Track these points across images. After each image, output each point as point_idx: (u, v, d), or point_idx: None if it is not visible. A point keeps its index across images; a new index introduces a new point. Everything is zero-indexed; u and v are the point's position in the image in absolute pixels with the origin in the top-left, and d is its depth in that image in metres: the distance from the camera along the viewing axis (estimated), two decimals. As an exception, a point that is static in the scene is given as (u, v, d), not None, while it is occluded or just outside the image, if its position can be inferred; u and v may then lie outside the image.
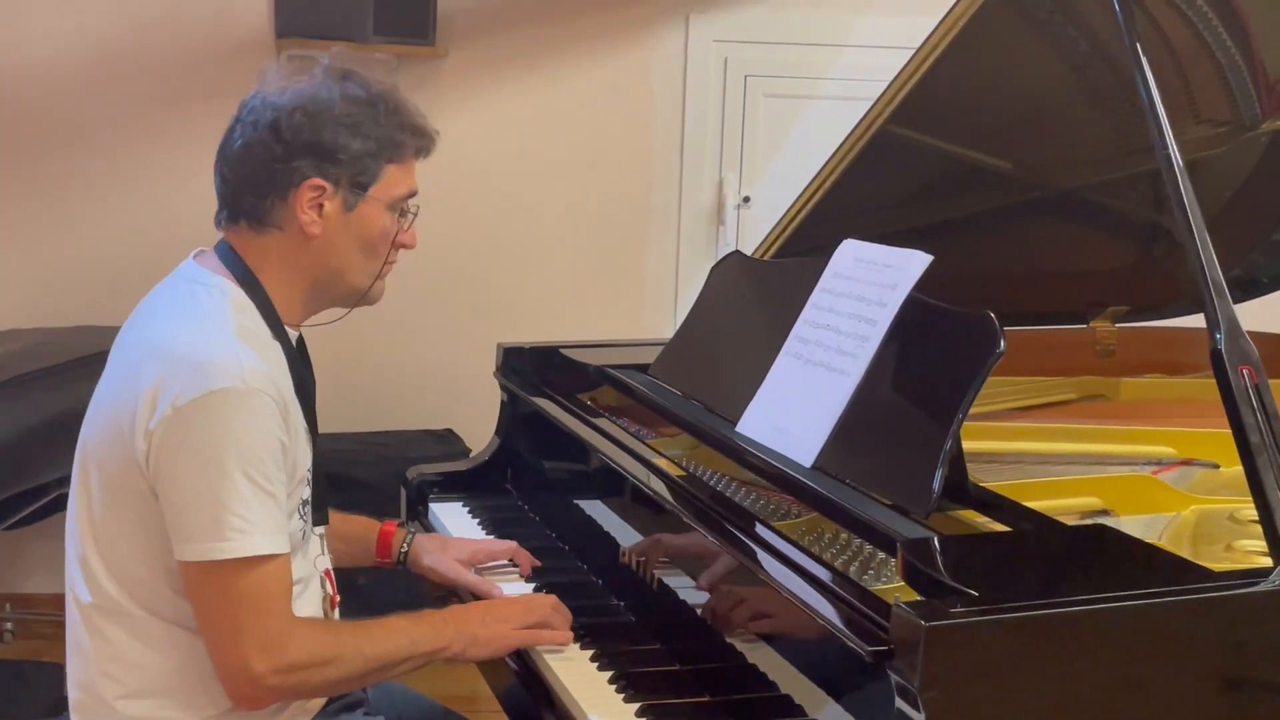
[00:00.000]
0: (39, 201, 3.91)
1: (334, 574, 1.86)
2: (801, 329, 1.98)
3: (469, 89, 3.99)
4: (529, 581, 2.12)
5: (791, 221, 2.55)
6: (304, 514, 1.75)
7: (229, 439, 1.60)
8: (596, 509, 2.21)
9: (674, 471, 1.96)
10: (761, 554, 1.64)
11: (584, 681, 1.77)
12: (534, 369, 2.59)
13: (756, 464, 1.89)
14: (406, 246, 1.84)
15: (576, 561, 2.23)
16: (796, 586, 1.54)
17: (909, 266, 1.84)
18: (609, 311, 4.12)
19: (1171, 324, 2.86)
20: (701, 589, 1.81)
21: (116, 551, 1.69)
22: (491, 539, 2.26)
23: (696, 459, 2.03)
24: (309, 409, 1.77)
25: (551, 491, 2.46)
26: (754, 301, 2.22)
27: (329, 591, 1.83)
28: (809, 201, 2.53)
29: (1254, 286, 2.83)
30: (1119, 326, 2.81)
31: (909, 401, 1.76)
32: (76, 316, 3.82)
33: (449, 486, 2.57)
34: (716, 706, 1.70)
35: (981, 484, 1.76)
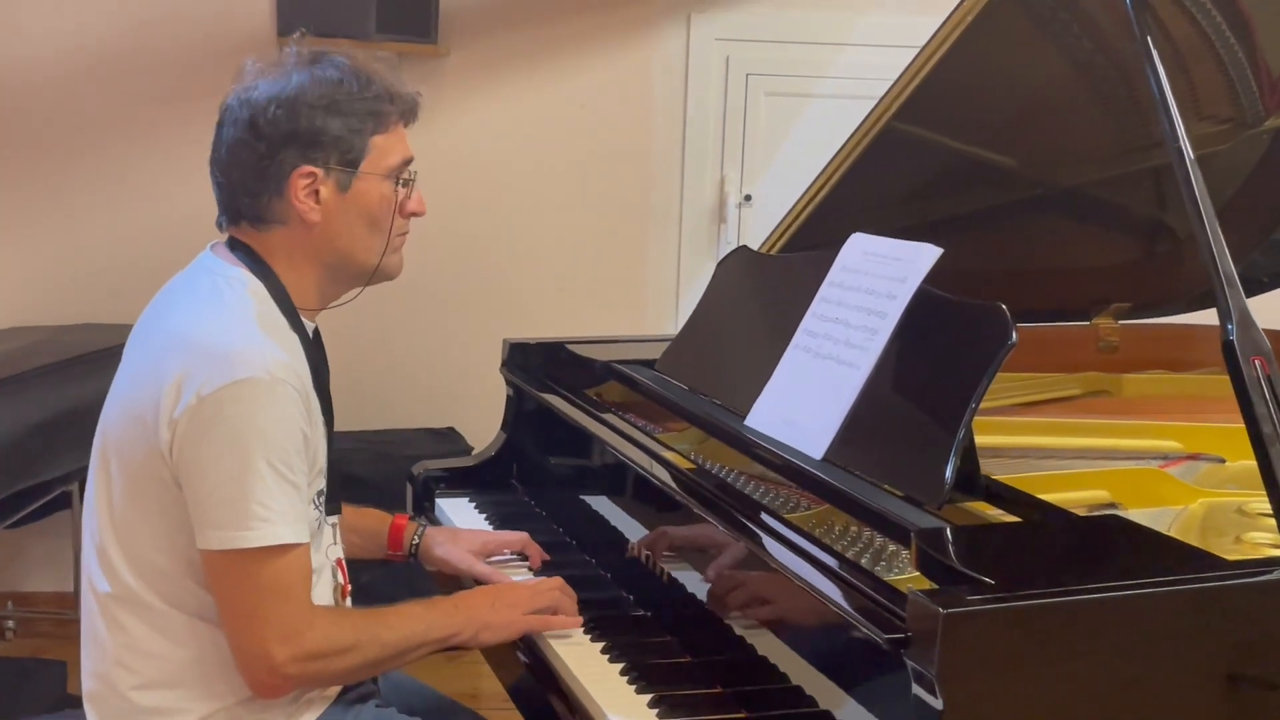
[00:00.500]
0: (41, 200, 3.91)
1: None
2: (810, 322, 1.98)
3: (471, 87, 4.00)
4: (538, 575, 2.13)
5: (797, 218, 2.56)
6: (319, 504, 1.75)
7: (253, 429, 1.60)
8: (603, 504, 2.21)
9: (684, 465, 1.97)
10: (775, 544, 1.64)
11: (596, 673, 1.77)
12: (540, 364, 2.59)
13: (766, 456, 1.89)
14: (415, 214, 1.83)
15: (584, 555, 2.23)
16: (811, 575, 1.54)
17: (918, 259, 1.85)
18: (610, 310, 4.12)
19: (1173, 321, 2.87)
20: (711, 581, 1.81)
21: (137, 542, 1.69)
22: (502, 531, 2.26)
23: (704, 453, 2.03)
24: (326, 400, 1.77)
25: (558, 487, 2.46)
26: (761, 296, 2.22)
27: (340, 581, 1.83)
28: (814, 198, 2.54)
29: (1254, 285, 2.83)
30: (1121, 323, 2.81)
31: (919, 393, 1.76)
32: (79, 315, 3.82)
33: (455, 482, 2.58)
34: (728, 697, 1.70)
35: (992, 476, 1.76)
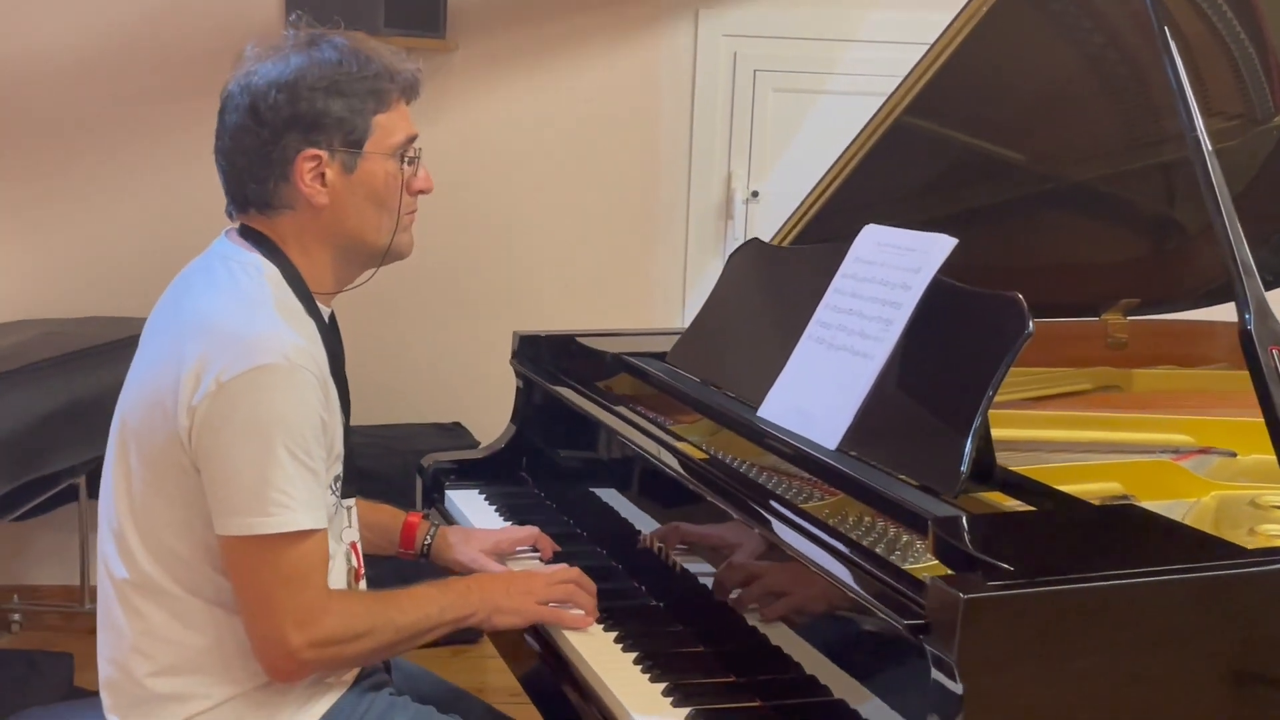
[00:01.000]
0: (49, 193, 3.92)
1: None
2: (824, 313, 1.98)
3: (479, 82, 4.00)
4: (552, 565, 2.13)
5: (807, 212, 2.56)
6: (335, 489, 1.75)
7: (273, 415, 1.60)
8: (614, 494, 2.21)
9: (697, 455, 1.97)
10: (791, 532, 1.64)
11: (610, 662, 1.77)
12: (550, 356, 2.59)
13: (779, 447, 1.89)
14: (422, 191, 1.83)
15: (595, 547, 2.23)
16: (828, 562, 1.54)
17: (933, 249, 1.85)
18: (617, 306, 4.12)
19: (1183, 317, 2.87)
20: (724, 571, 1.81)
21: (155, 528, 1.69)
22: (512, 527, 2.26)
23: (716, 444, 2.03)
24: (343, 385, 1.77)
25: (567, 478, 2.46)
26: (774, 287, 2.22)
27: (354, 564, 1.83)
28: (824, 192, 2.54)
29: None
30: (1130, 319, 2.81)
31: (935, 383, 1.76)
32: (86, 308, 3.83)
33: (464, 474, 2.58)
34: (742, 686, 1.71)
35: (1007, 467, 1.76)
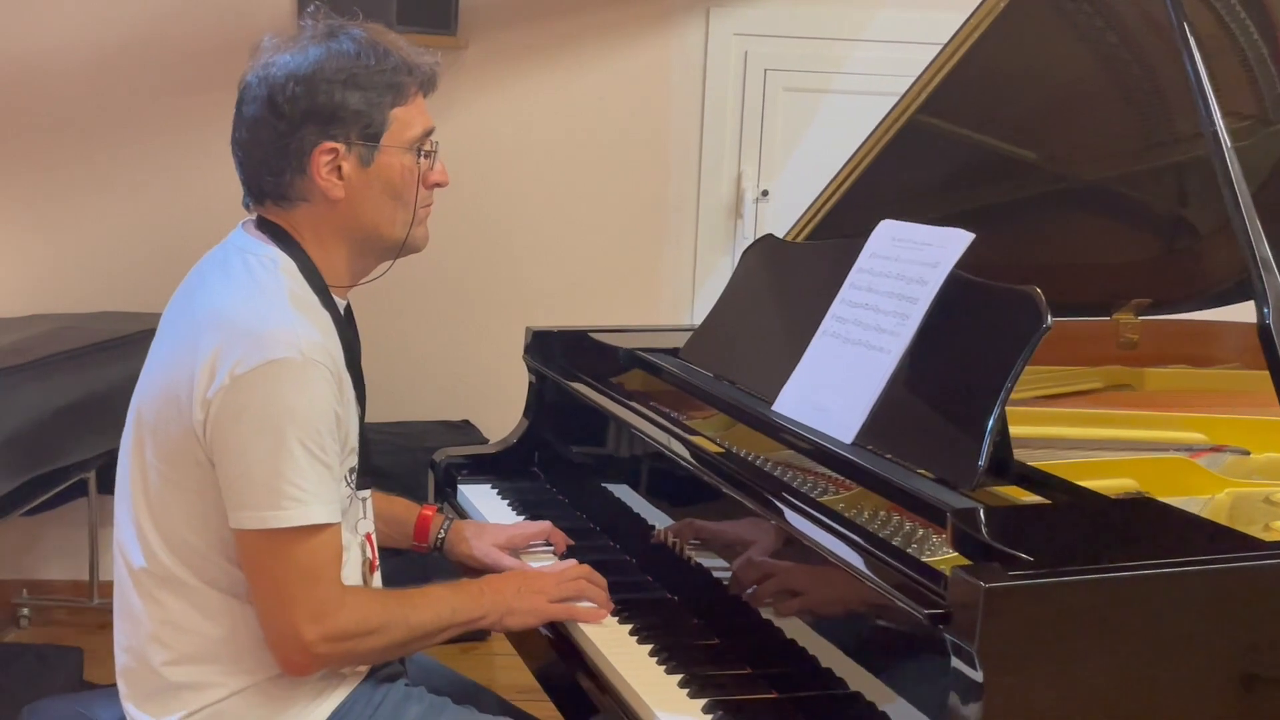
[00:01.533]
0: (62, 189, 3.93)
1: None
2: (839, 308, 1.98)
3: (489, 80, 4.01)
4: (564, 560, 2.13)
5: (820, 209, 2.56)
6: (350, 481, 1.76)
7: (286, 409, 1.60)
8: (627, 489, 2.21)
9: (713, 449, 1.97)
10: (808, 523, 1.64)
11: (626, 655, 1.78)
12: (562, 352, 2.59)
13: (796, 441, 1.89)
14: (438, 185, 1.83)
15: (608, 541, 2.24)
16: (846, 554, 1.55)
17: (950, 244, 1.85)
18: (626, 305, 4.12)
19: (1194, 317, 2.87)
20: (740, 565, 1.81)
21: (170, 520, 1.69)
22: (525, 521, 2.27)
23: (731, 439, 2.03)
24: (358, 377, 1.77)
25: (580, 473, 2.47)
26: (788, 283, 2.22)
27: (369, 555, 1.84)
28: (837, 190, 2.55)
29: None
30: (1141, 319, 2.82)
31: (951, 376, 1.75)
32: (99, 303, 3.84)
33: (476, 469, 2.58)
34: (758, 678, 1.71)
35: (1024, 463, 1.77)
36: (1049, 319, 1.65)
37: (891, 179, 2.54)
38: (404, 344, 4.07)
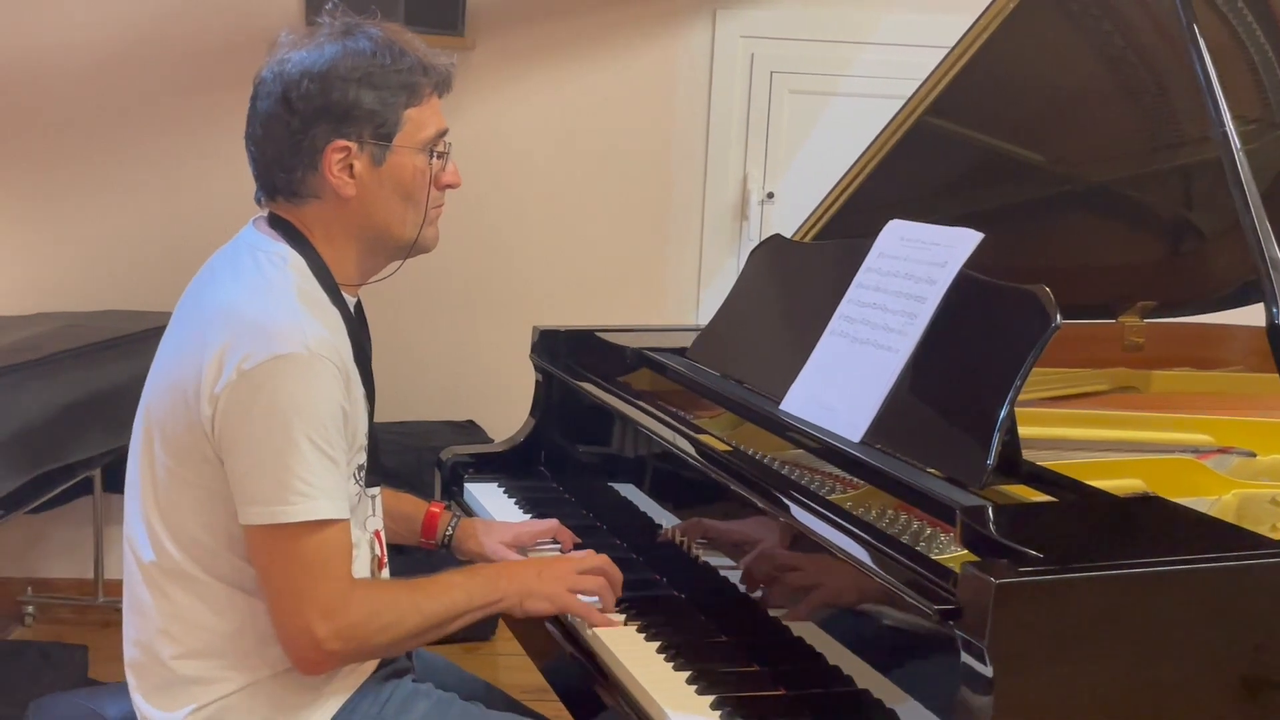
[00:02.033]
0: (69, 188, 3.93)
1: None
2: (847, 308, 1.98)
3: (496, 81, 4.01)
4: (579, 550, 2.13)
5: (827, 211, 2.57)
6: (359, 478, 1.75)
7: (293, 404, 1.60)
8: (634, 487, 2.22)
9: (721, 448, 1.97)
10: (816, 520, 1.65)
11: (634, 651, 1.77)
12: (569, 351, 2.59)
13: (803, 439, 1.90)
14: (450, 186, 1.83)
15: (615, 539, 2.24)
16: (855, 550, 1.55)
17: (959, 244, 1.85)
18: (630, 307, 4.13)
19: (1199, 320, 2.88)
20: (748, 564, 1.81)
21: (179, 516, 1.69)
22: (532, 520, 2.27)
23: (738, 438, 2.03)
24: (367, 375, 1.78)
25: (586, 472, 2.47)
26: (795, 283, 2.23)
27: (378, 552, 1.83)
28: (844, 191, 2.55)
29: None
30: (1146, 322, 2.82)
31: (960, 375, 1.76)
32: (105, 302, 3.84)
33: (483, 468, 2.58)
34: (766, 675, 1.71)
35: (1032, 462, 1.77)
36: (1058, 318, 1.65)
37: (898, 181, 2.54)
38: (408, 344, 4.07)
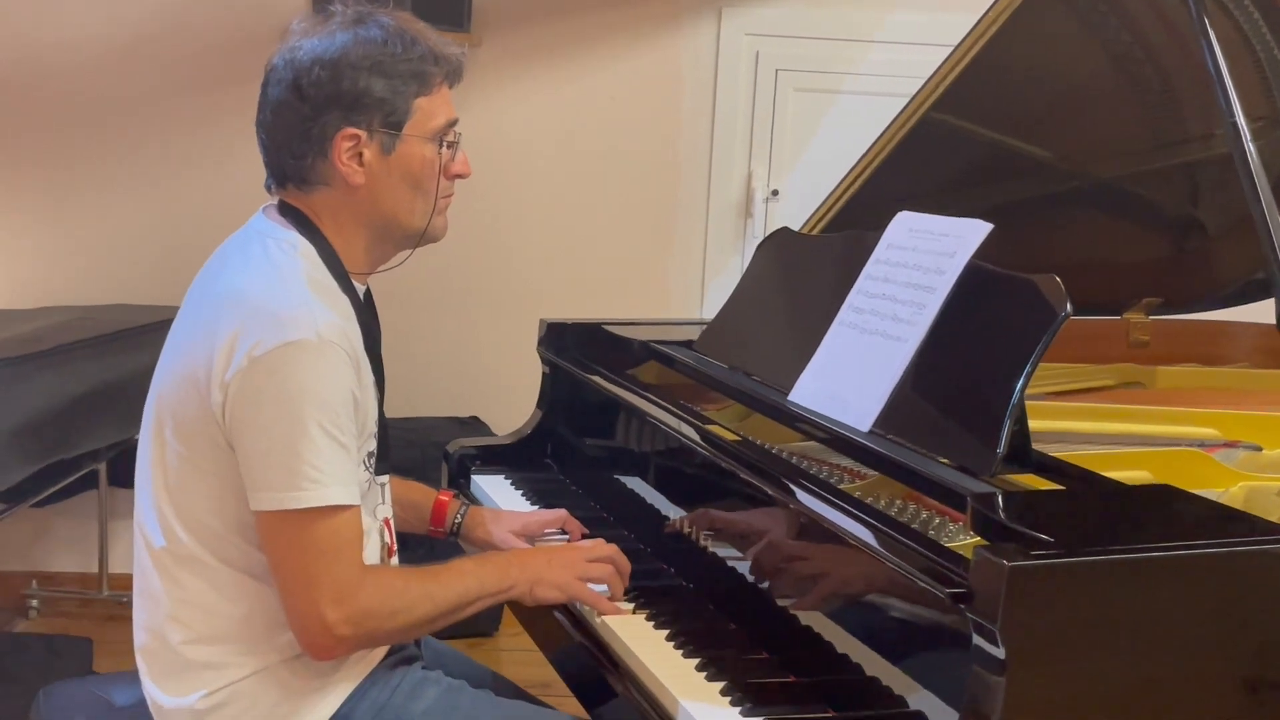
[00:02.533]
0: (78, 182, 3.94)
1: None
2: (856, 299, 1.99)
3: (502, 77, 4.02)
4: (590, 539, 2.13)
5: (833, 206, 2.57)
6: (369, 465, 1.76)
7: (304, 390, 1.60)
8: (641, 479, 2.22)
9: (730, 438, 1.98)
10: (826, 507, 1.65)
11: (644, 639, 1.78)
12: (576, 344, 2.60)
13: (812, 430, 1.90)
14: (460, 176, 1.84)
15: (622, 531, 2.24)
16: (867, 536, 1.56)
17: (968, 235, 1.86)
18: (635, 303, 4.12)
19: (1204, 317, 2.88)
20: (757, 553, 1.82)
21: (189, 503, 1.70)
22: (541, 509, 2.27)
23: (746, 430, 2.03)
24: (378, 362, 1.78)
25: (593, 464, 2.47)
26: (803, 275, 2.23)
27: (387, 540, 1.84)
28: (850, 187, 2.55)
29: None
30: (1152, 319, 2.83)
31: (970, 364, 1.76)
32: (113, 295, 3.85)
33: (489, 460, 2.59)
34: (775, 663, 1.72)
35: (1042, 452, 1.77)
36: (1068, 306, 1.66)
37: (903, 177, 2.54)
38: (413, 341, 4.07)
